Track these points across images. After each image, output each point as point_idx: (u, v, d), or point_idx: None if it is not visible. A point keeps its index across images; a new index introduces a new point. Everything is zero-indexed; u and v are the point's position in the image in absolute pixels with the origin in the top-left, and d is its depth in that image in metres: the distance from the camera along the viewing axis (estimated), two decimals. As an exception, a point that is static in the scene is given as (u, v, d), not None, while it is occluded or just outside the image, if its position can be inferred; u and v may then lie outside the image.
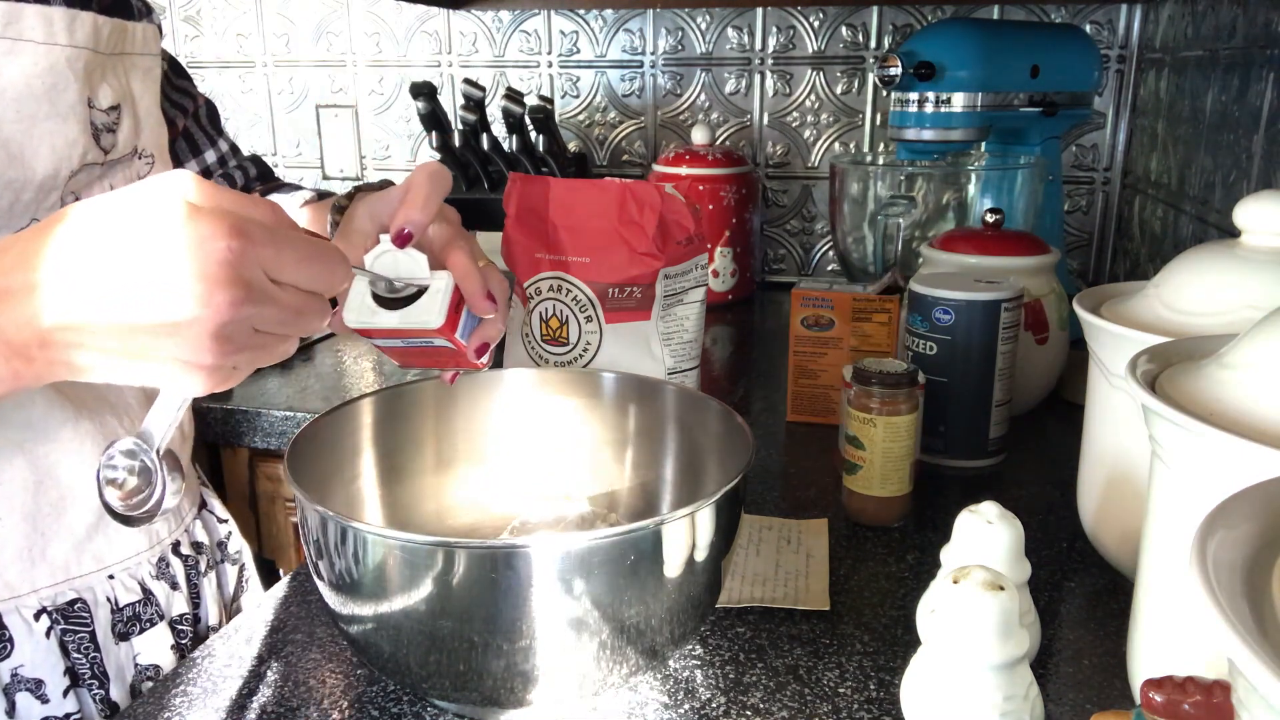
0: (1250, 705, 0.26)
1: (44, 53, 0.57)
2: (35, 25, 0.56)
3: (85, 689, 0.65)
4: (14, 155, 0.56)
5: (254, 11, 1.76)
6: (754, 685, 0.58)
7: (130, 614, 0.68)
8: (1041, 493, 0.84)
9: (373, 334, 0.58)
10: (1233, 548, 0.30)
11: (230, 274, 0.41)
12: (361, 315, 0.58)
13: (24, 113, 0.56)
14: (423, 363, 0.64)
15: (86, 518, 0.64)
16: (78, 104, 0.59)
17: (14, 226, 0.58)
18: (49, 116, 0.58)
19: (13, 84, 0.56)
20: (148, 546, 0.69)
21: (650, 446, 0.68)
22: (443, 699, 0.53)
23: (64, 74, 0.58)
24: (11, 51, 0.55)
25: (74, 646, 0.64)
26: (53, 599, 0.63)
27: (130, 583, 0.68)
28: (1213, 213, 1.06)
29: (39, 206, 0.59)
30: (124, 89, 0.64)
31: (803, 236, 1.66)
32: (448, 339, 0.59)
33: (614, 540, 0.48)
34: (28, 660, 0.62)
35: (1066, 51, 1.24)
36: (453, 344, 0.60)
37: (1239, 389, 0.45)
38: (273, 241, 0.43)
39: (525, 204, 0.85)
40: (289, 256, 0.43)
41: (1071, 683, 0.59)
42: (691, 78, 1.63)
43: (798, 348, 0.98)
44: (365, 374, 1.20)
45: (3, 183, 0.56)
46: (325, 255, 0.45)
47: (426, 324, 0.58)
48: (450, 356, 0.61)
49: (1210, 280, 0.61)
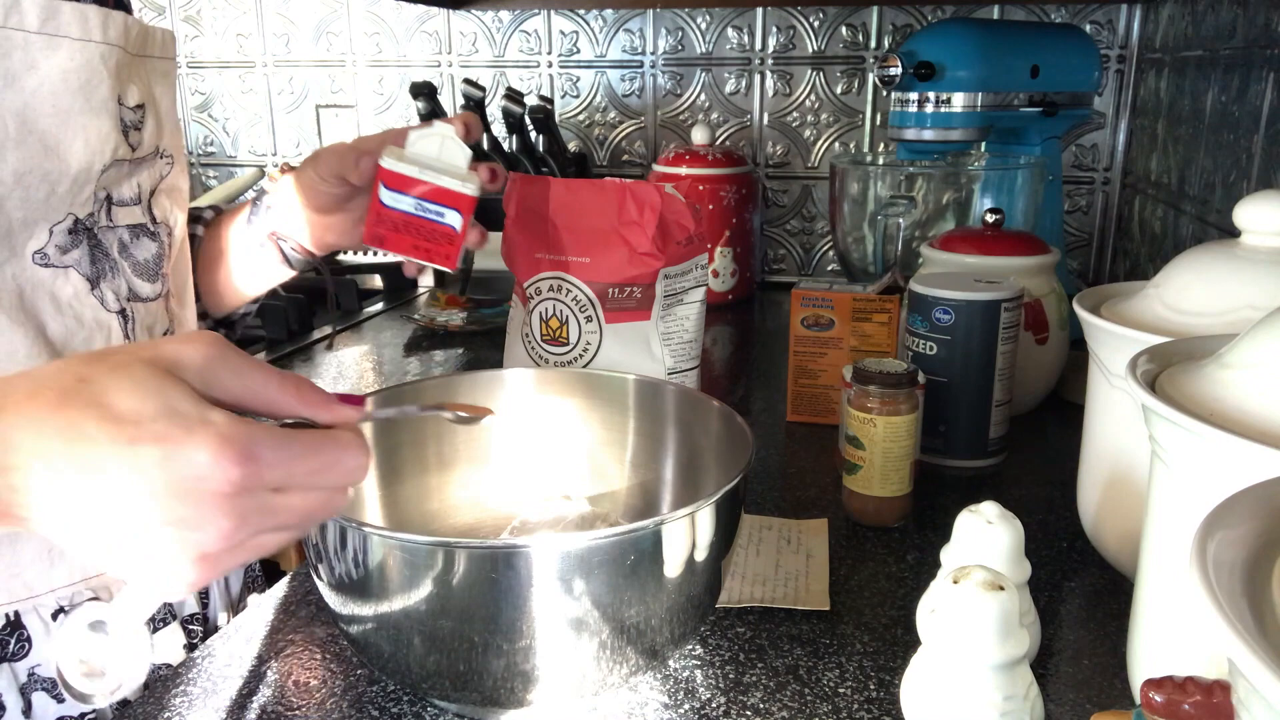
0: (1250, 705, 0.26)
1: (80, 49, 0.58)
2: (72, 21, 0.57)
3: None
4: (50, 148, 0.57)
5: (254, 11, 1.76)
6: (754, 685, 0.58)
7: None
8: (1041, 493, 0.84)
9: (400, 184, 0.64)
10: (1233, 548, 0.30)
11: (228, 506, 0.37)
12: (402, 163, 0.65)
13: (60, 106, 0.57)
14: (406, 243, 0.70)
15: None
16: (109, 100, 0.61)
17: (51, 219, 0.59)
18: (83, 111, 0.59)
19: (50, 78, 0.57)
20: None
21: (650, 446, 0.68)
22: (443, 699, 0.53)
23: (98, 70, 0.59)
24: (50, 46, 0.57)
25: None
26: (70, 599, 0.63)
27: None
28: (1213, 213, 1.06)
29: (74, 199, 0.60)
30: (147, 89, 0.66)
31: (803, 236, 1.66)
32: (464, 218, 0.67)
33: (614, 540, 0.48)
34: (45, 660, 0.62)
35: (1066, 51, 1.24)
36: (460, 227, 0.68)
37: (1239, 389, 0.45)
38: (282, 462, 0.38)
39: (525, 204, 0.85)
40: (300, 469, 0.39)
41: (1071, 683, 0.59)
42: (691, 78, 1.63)
43: (798, 348, 0.98)
44: (365, 374, 1.20)
45: (39, 174, 0.57)
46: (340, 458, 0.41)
47: (465, 189, 0.67)
48: (439, 242, 0.67)
49: (1210, 280, 0.61)
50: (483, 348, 1.29)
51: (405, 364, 1.25)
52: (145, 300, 0.67)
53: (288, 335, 1.34)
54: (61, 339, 0.60)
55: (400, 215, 0.66)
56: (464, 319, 1.37)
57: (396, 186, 0.65)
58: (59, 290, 0.60)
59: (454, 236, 0.68)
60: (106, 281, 0.63)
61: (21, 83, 0.56)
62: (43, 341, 0.59)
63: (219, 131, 1.83)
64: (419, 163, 0.67)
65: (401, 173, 0.65)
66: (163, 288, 0.69)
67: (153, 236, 0.68)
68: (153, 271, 0.67)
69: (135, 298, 0.66)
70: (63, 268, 0.60)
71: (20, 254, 0.58)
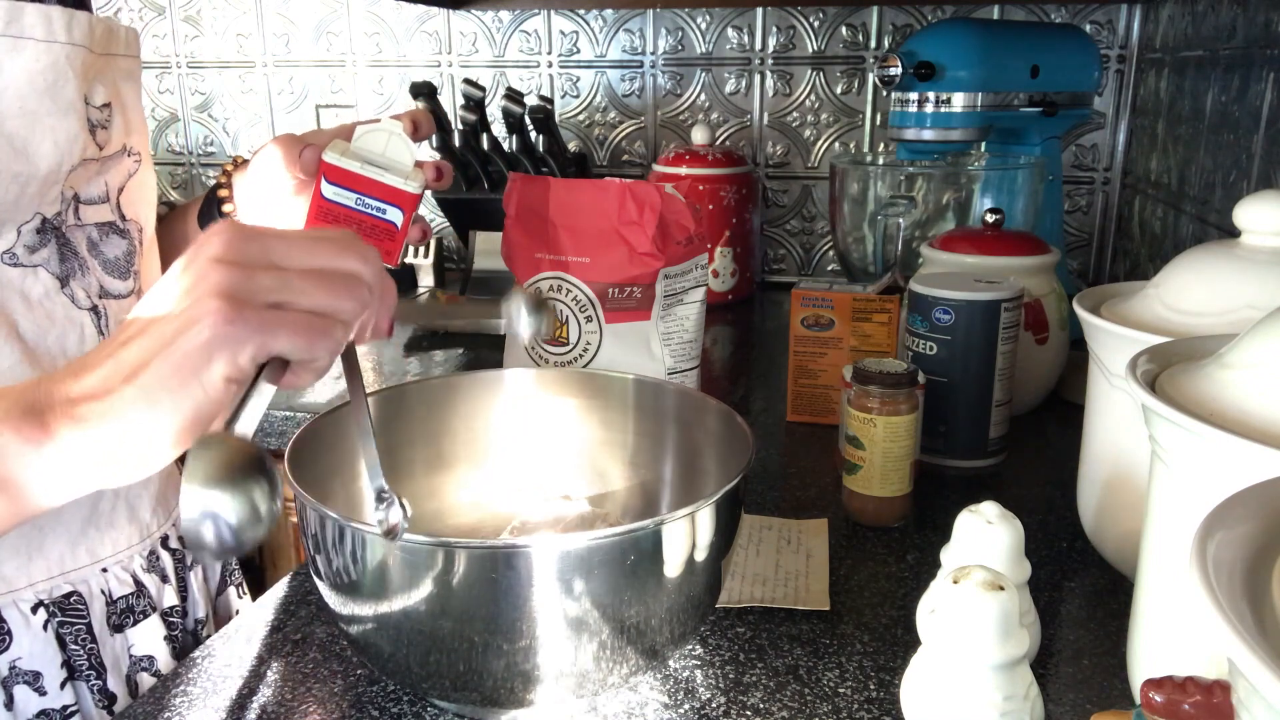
0: (1251, 705, 0.26)
1: (45, 50, 0.58)
2: (36, 23, 0.58)
3: (83, 681, 0.65)
4: (18, 150, 0.58)
5: (254, 11, 1.76)
6: (754, 685, 0.58)
7: (124, 606, 0.68)
8: (1041, 493, 0.84)
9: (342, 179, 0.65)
10: (1233, 548, 0.30)
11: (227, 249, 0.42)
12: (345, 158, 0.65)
13: (27, 108, 0.58)
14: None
15: (80, 512, 0.65)
16: (76, 100, 0.61)
17: (19, 219, 0.60)
18: (50, 112, 0.59)
19: (15, 80, 0.57)
20: (139, 540, 0.70)
21: (650, 446, 0.68)
22: (443, 699, 0.53)
23: (64, 71, 0.60)
24: (14, 49, 0.57)
25: (71, 639, 0.65)
26: (49, 592, 0.64)
27: (123, 575, 0.68)
28: (1213, 213, 1.06)
29: (42, 199, 0.60)
30: (113, 88, 0.66)
31: (803, 236, 1.66)
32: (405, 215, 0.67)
33: (614, 540, 0.48)
34: (26, 653, 0.62)
35: (1066, 51, 1.24)
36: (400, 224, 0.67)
37: (1239, 389, 0.45)
38: (279, 234, 0.43)
39: (525, 204, 0.85)
40: (297, 242, 0.44)
41: (1071, 683, 0.59)
42: (691, 78, 1.63)
43: (798, 348, 0.98)
44: (365, 374, 1.20)
45: (9, 175, 0.58)
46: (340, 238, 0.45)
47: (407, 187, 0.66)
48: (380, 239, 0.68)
49: (1210, 280, 0.61)
50: (483, 348, 1.29)
51: (405, 364, 1.25)
52: (118, 297, 0.67)
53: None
54: (34, 336, 0.61)
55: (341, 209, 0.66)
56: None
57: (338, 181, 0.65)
58: (29, 289, 0.61)
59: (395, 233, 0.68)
60: (76, 280, 0.64)
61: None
62: (15, 338, 0.60)
63: (219, 132, 1.83)
64: (362, 158, 0.67)
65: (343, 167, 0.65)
66: (135, 284, 0.69)
67: (123, 234, 0.68)
68: (124, 269, 0.68)
69: (107, 295, 0.66)
70: (31, 267, 0.61)
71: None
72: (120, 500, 0.68)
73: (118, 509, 0.68)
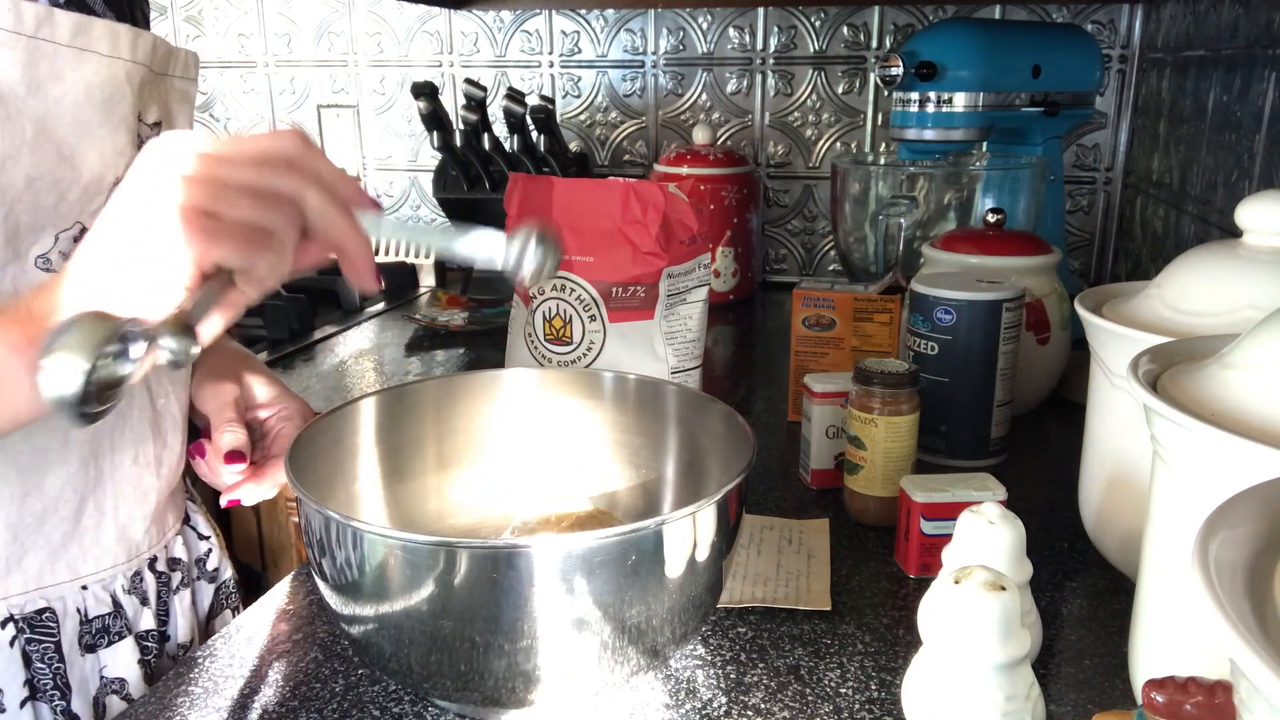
0: (1252, 706, 0.26)
1: (107, 64, 0.59)
2: (102, 37, 0.59)
3: (45, 701, 0.64)
4: (65, 157, 0.58)
5: (256, 11, 1.76)
6: (755, 685, 0.58)
7: (99, 626, 0.67)
8: (1043, 493, 0.84)
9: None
10: (1234, 548, 0.30)
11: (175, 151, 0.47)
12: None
13: (80, 118, 0.59)
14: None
15: (63, 527, 0.64)
16: (129, 116, 0.62)
17: (59, 226, 0.60)
18: (102, 125, 0.60)
19: (74, 90, 0.58)
20: (125, 559, 0.68)
21: (652, 446, 0.68)
22: (444, 699, 0.53)
23: (122, 87, 0.61)
24: (78, 60, 0.58)
25: (37, 657, 0.63)
26: (21, 607, 0.62)
27: (102, 595, 0.67)
28: (1214, 213, 1.06)
29: (84, 209, 0.61)
30: (165, 108, 0.67)
31: (804, 236, 1.66)
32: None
33: (615, 540, 0.48)
34: None
35: (1068, 51, 1.24)
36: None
37: (1241, 389, 0.45)
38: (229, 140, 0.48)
39: (527, 204, 0.85)
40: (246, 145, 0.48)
41: (1073, 683, 0.59)
42: (693, 77, 1.63)
43: (799, 348, 0.98)
44: (366, 374, 1.20)
45: (50, 180, 0.58)
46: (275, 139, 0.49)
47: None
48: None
49: (1212, 280, 0.61)
50: (484, 347, 1.30)
51: (407, 364, 1.25)
52: None
53: (289, 335, 1.34)
54: None
55: None
56: (465, 319, 1.37)
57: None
58: None
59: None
60: None
61: (45, 91, 0.56)
62: None
63: (220, 132, 1.83)
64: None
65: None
66: None
67: None
68: None
69: None
70: None
71: (23, 257, 0.58)
72: (108, 518, 0.66)
73: (104, 526, 0.66)
